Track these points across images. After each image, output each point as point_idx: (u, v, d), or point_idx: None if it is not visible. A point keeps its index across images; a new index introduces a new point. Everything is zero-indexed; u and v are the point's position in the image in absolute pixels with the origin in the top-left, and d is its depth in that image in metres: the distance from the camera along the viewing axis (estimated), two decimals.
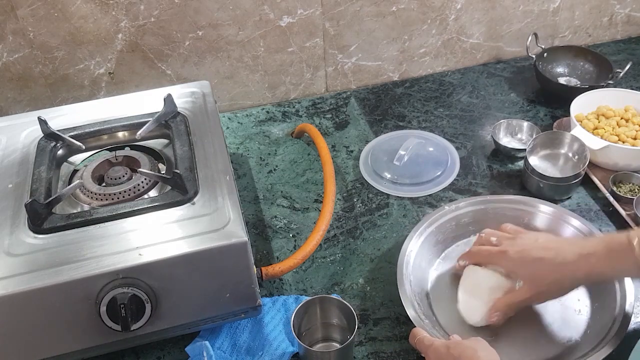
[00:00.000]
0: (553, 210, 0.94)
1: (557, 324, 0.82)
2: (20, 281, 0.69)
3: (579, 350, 0.77)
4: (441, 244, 0.93)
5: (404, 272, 0.85)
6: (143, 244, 0.73)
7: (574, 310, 0.84)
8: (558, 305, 0.85)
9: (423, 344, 0.72)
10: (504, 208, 0.96)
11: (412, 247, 0.90)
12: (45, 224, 0.76)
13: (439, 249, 0.93)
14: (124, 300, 0.70)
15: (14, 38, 1.08)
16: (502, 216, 0.94)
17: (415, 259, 0.89)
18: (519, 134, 1.16)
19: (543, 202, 0.95)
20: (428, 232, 0.92)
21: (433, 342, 0.71)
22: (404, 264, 0.87)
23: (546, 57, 1.31)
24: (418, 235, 0.91)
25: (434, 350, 0.70)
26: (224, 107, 1.28)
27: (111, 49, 1.14)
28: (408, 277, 0.85)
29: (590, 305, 0.84)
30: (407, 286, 0.84)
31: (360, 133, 1.21)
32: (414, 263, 0.88)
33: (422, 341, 0.72)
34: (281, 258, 0.95)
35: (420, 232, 0.92)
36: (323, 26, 1.23)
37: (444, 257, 0.93)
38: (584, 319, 0.83)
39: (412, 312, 0.80)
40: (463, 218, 0.95)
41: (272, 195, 1.08)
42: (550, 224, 0.93)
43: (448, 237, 0.94)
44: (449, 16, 1.29)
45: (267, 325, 0.85)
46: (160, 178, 0.83)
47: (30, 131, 0.92)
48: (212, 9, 1.14)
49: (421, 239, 0.91)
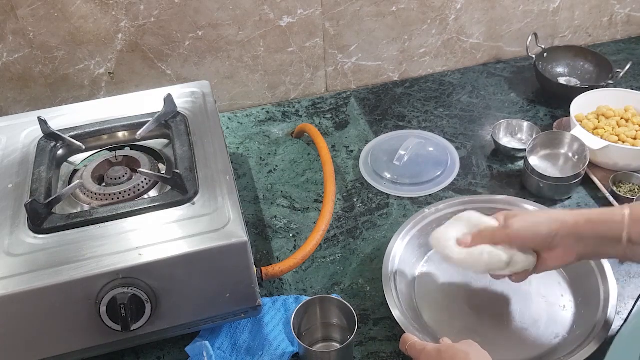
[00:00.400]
0: (535, 209, 0.94)
1: (543, 321, 0.83)
2: (20, 281, 0.69)
3: (567, 346, 0.78)
4: (424, 247, 0.93)
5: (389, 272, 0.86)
6: (143, 244, 0.73)
7: (559, 307, 0.85)
8: (543, 302, 0.86)
9: (415, 349, 0.72)
10: (483, 208, 0.95)
11: (396, 251, 0.90)
12: (45, 224, 0.76)
13: (422, 251, 0.94)
14: (124, 300, 0.70)
15: (14, 38, 1.08)
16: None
17: (400, 261, 0.89)
18: (519, 134, 1.16)
19: (525, 202, 0.95)
20: (411, 235, 0.93)
21: (425, 346, 0.71)
22: (389, 265, 0.87)
23: (546, 57, 1.31)
24: (402, 238, 0.92)
25: (427, 354, 0.70)
26: (224, 107, 1.28)
27: (111, 49, 1.14)
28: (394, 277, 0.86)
29: (574, 300, 0.85)
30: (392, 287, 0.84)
31: (360, 133, 1.21)
32: (399, 265, 0.89)
33: (413, 346, 0.72)
34: (281, 258, 0.95)
35: (404, 234, 0.92)
36: (323, 26, 1.23)
37: (427, 260, 0.93)
38: (569, 315, 0.84)
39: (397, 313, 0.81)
40: (444, 220, 0.95)
41: (272, 195, 1.08)
42: None
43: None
44: (449, 16, 1.29)
45: (267, 325, 0.85)
46: (160, 178, 0.83)
47: (30, 131, 0.92)
48: (212, 9, 1.14)
49: (405, 241, 0.92)
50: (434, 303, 0.87)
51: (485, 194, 1.04)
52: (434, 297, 0.88)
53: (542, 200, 1.01)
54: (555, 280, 0.88)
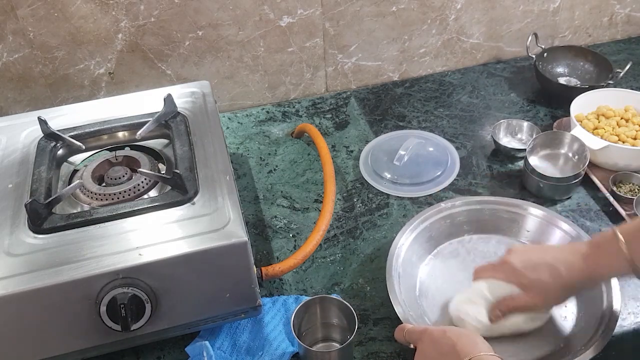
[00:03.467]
0: (544, 214, 0.94)
1: (542, 330, 0.82)
2: (20, 281, 0.69)
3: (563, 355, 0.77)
4: (434, 241, 0.94)
5: (393, 266, 0.86)
6: (143, 244, 0.73)
7: (560, 316, 0.83)
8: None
9: (415, 331, 0.70)
10: (499, 210, 0.96)
11: (404, 242, 0.90)
12: (45, 224, 0.76)
13: (431, 245, 0.93)
14: (124, 300, 0.70)
15: (14, 38, 1.08)
16: (497, 218, 0.95)
17: (406, 253, 0.89)
18: (519, 134, 1.16)
19: (535, 206, 0.95)
20: (422, 227, 0.92)
21: (427, 327, 0.70)
22: (394, 258, 0.87)
23: (546, 57, 1.31)
24: (411, 230, 0.91)
25: (429, 334, 0.68)
26: (224, 107, 1.28)
27: (111, 49, 1.14)
28: (397, 270, 0.86)
29: (577, 312, 0.84)
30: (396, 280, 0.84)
31: (360, 133, 1.21)
32: (404, 257, 0.88)
33: (413, 330, 0.71)
34: (281, 258, 0.95)
35: (414, 227, 0.92)
36: (323, 26, 1.23)
37: (435, 254, 0.93)
38: (569, 325, 0.82)
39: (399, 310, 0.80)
40: (458, 217, 0.95)
41: (272, 195, 1.08)
42: (540, 226, 0.94)
43: (442, 234, 0.94)
44: (449, 16, 1.29)
45: (267, 325, 0.85)
46: (160, 178, 0.83)
47: (30, 131, 0.92)
48: (212, 9, 1.14)
49: (414, 234, 0.91)
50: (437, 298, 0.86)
51: (486, 194, 1.04)
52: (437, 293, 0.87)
53: (543, 200, 1.02)
54: None
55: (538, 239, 0.93)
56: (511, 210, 0.96)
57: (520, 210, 0.95)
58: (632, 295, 0.87)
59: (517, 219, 0.95)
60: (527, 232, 0.94)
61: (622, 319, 0.83)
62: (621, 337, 0.81)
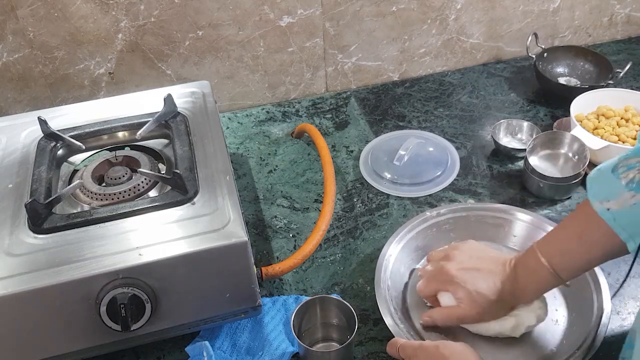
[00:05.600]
0: (531, 218, 0.94)
1: (534, 334, 0.81)
2: (20, 281, 0.69)
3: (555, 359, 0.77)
4: (421, 250, 0.93)
5: (381, 277, 0.86)
6: (143, 244, 0.73)
7: (552, 320, 0.83)
8: None
9: (410, 346, 0.71)
10: (485, 216, 0.95)
11: (391, 252, 0.90)
12: (45, 224, 0.76)
13: (419, 254, 0.93)
14: (124, 300, 0.70)
15: (14, 38, 1.08)
16: (483, 224, 0.95)
17: (394, 263, 0.89)
18: (519, 134, 1.16)
19: (521, 211, 0.95)
20: (408, 237, 0.92)
21: (421, 343, 0.70)
22: (382, 270, 0.87)
23: (546, 57, 1.31)
24: (398, 241, 0.91)
25: (424, 349, 0.69)
26: (224, 107, 1.28)
27: (111, 49, 1.14)
28: (386, 281, 0.86)
29: (568, 316, 0.83)
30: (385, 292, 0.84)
31: (360, 133, 1.21)
32: (393, 268, 0.88)
33: (407, 345, 0.71)
34: (281, 258, 0.95)
35: (401, 237, 0.92)
36: (323, 26, 1.23)
37: (423, 264, 0.92)
38: (560, 329, 0.82)
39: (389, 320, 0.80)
40: (444, 225, 0.95)
41: (272, 195, 1.08)
42: (528, 231, 0.93)
43: (429, 243, 0.93)
44: (449, 16, 1.29)
45: (267, 325, 0.85)
46: (160, 178, 0.83)
47: (30, 131, 0.92)
48: (212, 9, 1.14)
49: (401, 244, 0.91)
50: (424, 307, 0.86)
51: (486, 194, 1.04)
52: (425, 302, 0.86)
53: (542, 200, 1.02)
54: (550, 294, 0.83)
55: (525, 244, 0.90)
56: (497, 215, 0.95)
57: (506, 215, 0.95)
58: (632, 295, 0.87)
59: (504, 224, 0.95)
60: (514, 237, 0.94)
61: (622, 319, 0.83)
62: (621, 337, 0.81)
